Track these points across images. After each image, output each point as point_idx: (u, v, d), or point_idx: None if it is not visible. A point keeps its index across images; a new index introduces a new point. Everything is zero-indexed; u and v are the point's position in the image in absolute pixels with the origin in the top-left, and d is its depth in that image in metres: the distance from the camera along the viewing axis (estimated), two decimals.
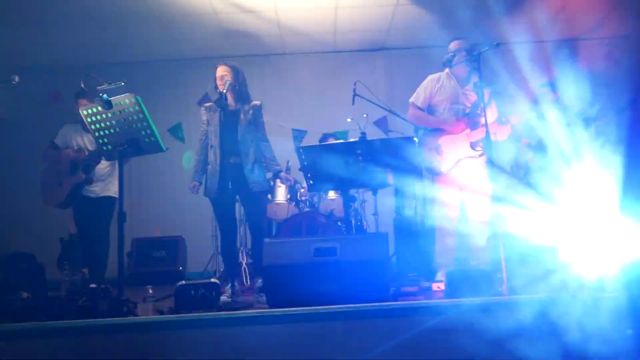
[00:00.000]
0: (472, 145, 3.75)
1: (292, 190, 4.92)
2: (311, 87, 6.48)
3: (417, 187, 4.54)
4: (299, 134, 6.40)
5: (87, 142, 4.30)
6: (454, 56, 3.72)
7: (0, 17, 5.22)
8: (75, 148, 4.25)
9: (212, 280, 2.93)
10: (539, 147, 4.19)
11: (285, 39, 6.15)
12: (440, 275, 3.77)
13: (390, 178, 3.49)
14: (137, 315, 2.84)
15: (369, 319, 2.56)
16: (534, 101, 3.81)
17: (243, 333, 2.49)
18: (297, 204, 4.90)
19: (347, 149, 3.23)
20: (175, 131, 6.42)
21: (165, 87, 6.40)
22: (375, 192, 5.30)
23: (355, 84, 5.34)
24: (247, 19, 5.55)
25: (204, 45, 6.11)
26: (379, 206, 5.54)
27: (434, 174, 3.81)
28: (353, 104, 5.28)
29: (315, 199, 4.95)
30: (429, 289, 3.69)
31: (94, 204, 4.26)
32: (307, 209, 4.85)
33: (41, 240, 4.97)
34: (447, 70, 3.94)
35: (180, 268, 5.85)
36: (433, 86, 3.92)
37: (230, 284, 3.42)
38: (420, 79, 4.09)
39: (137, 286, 4.05)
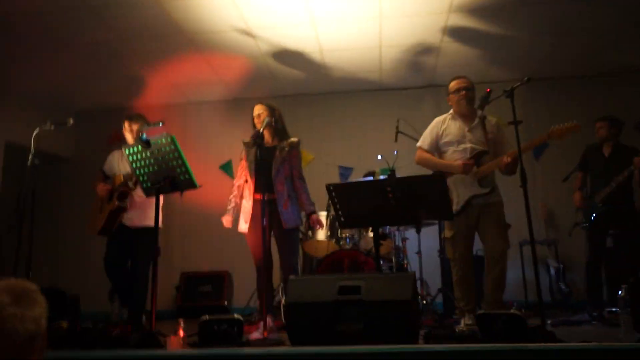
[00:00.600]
0: (481, 183, 3.63)
1: (332, 227, 4.92)
2: (358, 124, 6.54)
3: None
4: (345, 171, 6.44)
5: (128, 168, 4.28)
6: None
7: (67, 65, 5.68)
8: (121, 172, 4.06)
9: (236, 316, 2.94)
10: None
11: (331, 79, 6.25)
12: (466, 320, 3.60)
13: (423, 216, 3.40)
14: (164, 349, 2.89)
15: None
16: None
17: None
18: (337, 241, 4.87)
19: (377, 187, 3.21)
20: (226, 168, 6.63)
21: (217, 126, 6.67)
22: (418, 230, 5.19)
23: (398, 121, 5.37)
24: (293, 60, 5.71)
25: (251, 85, 6.33)
26: (425, 244, 5.42)
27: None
28: (396, 140, 5.30)
29: (356, 236, 4.91)
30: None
31: (131, 235, 4.03)
32: (347, 247, 4.81)
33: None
34: (451, 111, 3.89)
35: (226, 303, 5.96)
36: (439, 128, 3.84)
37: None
38: None
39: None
